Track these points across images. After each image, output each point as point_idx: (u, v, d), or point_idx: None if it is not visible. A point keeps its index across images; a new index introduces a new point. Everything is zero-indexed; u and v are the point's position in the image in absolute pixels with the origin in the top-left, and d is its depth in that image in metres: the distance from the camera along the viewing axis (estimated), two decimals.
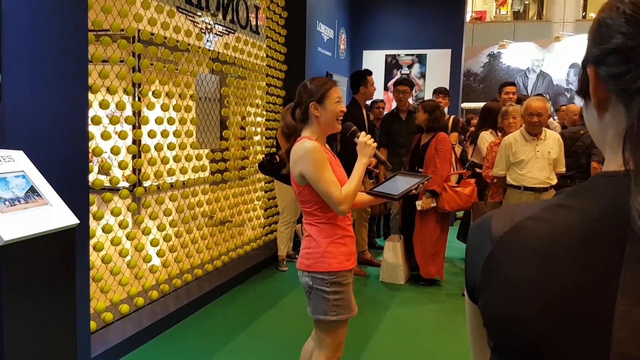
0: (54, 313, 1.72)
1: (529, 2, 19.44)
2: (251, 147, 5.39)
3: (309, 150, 2.16)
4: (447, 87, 6.79)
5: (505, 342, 0.63)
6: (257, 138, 5.55)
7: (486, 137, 5.17)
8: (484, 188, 4.89)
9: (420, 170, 4.68)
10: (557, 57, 14.05)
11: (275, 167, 5.15)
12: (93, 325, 3.11)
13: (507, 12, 19.98)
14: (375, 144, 2.31)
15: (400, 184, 2.47)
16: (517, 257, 0.61)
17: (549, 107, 4.44)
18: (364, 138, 2.29)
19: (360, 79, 5.21)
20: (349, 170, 2.30)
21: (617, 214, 0.57)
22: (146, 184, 3.89)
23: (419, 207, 4.68)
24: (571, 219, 0.60)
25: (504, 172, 4.12)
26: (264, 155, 5.32)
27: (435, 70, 7.65)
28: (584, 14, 16.88)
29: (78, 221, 1.79)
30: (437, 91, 5.91)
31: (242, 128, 5.26)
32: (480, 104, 9.08)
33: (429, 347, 3.59)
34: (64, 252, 1.72)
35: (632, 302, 0.54)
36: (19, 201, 1.77)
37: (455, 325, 3.95)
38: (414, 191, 2.42)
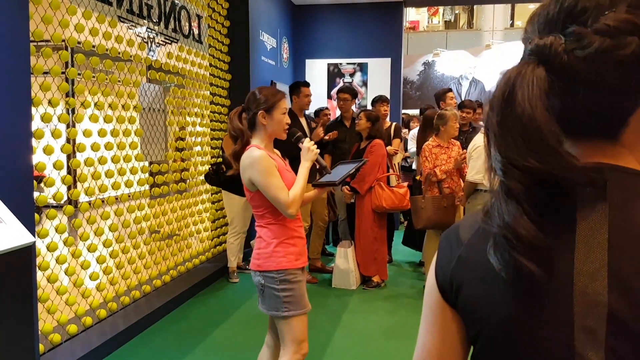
0: (11, 336, 1.63)
1: (459, 12, 20.17)
2: (197, 157, 5.31)
3: (256, 158, 2.29)
4: (388, 95, 6.94)
5: (485, 329, 0.69)
6: (201, 148, 5.47)
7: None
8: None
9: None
10: (488, 64, 14.62)
11: (222, 177, 5.09)
12: (40, 347, 2.96)
13: (439, 21, 20.65)
14: (317, 150, 2.47)
15: (340, 171, 2.63)
16: (483, 255, 0.66)
17: None
18: (307, 144, 2.46)
19: (293, 89, 5.38)
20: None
21: (566, 198, 0.63)
22: (82, 199, 3.74)
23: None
24: None
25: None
26: (210, 166, 5.25)
27: (376, 78, 7.80)
28: (511, 22, 17.68)
29: (34, 239, 1.71)
30: (380, 99, 5.99)
31: (182, 139, 5.17)
32: (417, 111, 9.33)
33: (384, 350, 3.64)
34: (20, 272, 1.63)
35: (587, 279, 0.60)
36: None
37: (408, 326, 4.02)
38: (349, 178, 2.67)
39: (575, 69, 0.62)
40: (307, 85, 5.44)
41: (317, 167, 2.56)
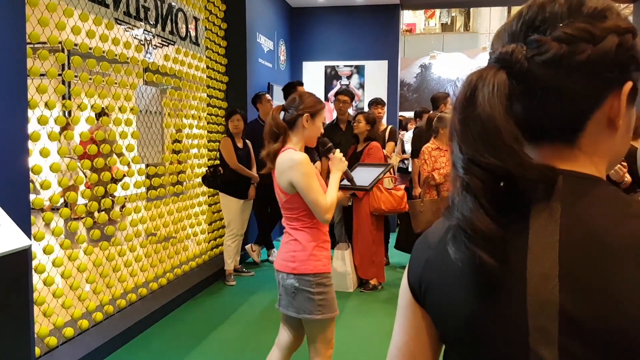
0: (7, 339, 1.62)
1: (455, 14, 20.21)
2: (193, 160, 5.30)
3: (300, 161, 2.29)
4: (385, 97, 6.96)
5: (450, 328, 0.72)
6: (198, 151, 5.46)
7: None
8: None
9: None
10: None
11: (219, 179, 5.09)
12: (37, 351, 2.95)
13: (435, 24, 20.68)
14: (346, 162, 2.51)
15: (366, 175, 2.66)
16: (447, 257, 0.69)
17: None
18: (338, 155, 2.50)
19: (288, 91, 5.36)
20: None
21: (521, 199, 0.67)
22: (79, 201, 3.73)
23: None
24: None
25: None
26: (207, 168, 5.24)
27: (373, 80, 7.81)
28: None
29: (30, 242, 1.69)
30: (376, 102, 6.00)
31: (178, 141, 5.16)
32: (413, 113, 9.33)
33: (382, 353, 3.62)
34: (16, 275, 1.62)
35: (539, 279, 0.63)
36: None
37: None
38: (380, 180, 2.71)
39: (534, 74, 0.66)
40: (302, 84, 5.46)
41: (343, 178, 2.54)
